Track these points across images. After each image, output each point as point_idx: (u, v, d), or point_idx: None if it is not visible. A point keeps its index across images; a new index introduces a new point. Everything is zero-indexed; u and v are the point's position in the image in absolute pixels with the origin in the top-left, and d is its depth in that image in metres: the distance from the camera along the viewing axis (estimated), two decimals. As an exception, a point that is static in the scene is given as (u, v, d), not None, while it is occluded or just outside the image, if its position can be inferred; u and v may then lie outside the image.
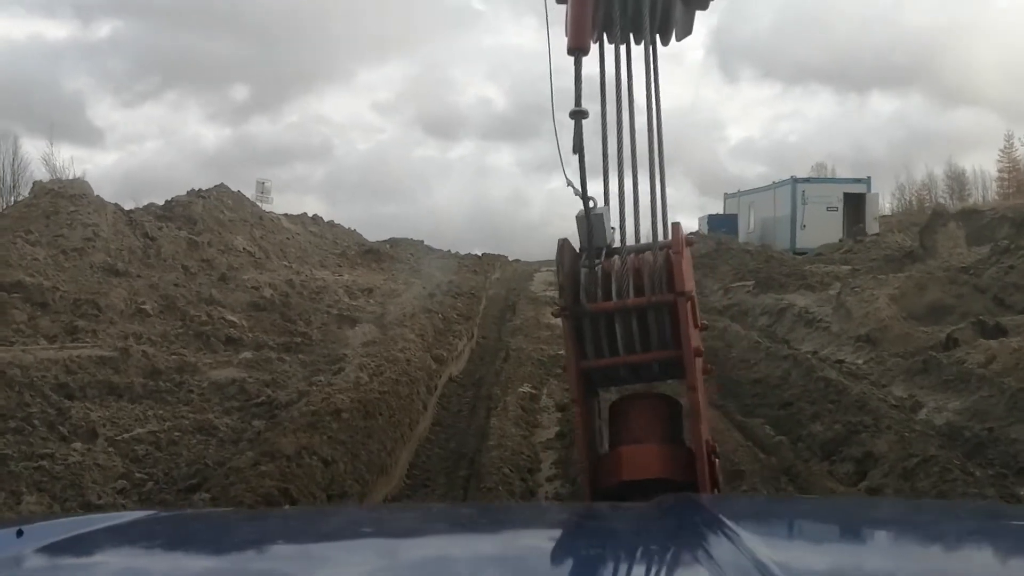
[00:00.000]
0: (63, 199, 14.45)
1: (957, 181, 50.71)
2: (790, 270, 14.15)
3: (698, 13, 3.53)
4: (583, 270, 3.08)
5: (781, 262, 16.19)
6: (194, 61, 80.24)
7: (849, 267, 13.74)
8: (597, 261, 3.11)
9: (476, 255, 27.96)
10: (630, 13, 3.27)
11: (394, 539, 1.70)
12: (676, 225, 3.14)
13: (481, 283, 19.46)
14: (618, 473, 2.98)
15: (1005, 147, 50.25)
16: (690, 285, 3.02)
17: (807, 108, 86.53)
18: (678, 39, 3.47)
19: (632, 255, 3.16)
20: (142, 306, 11.74)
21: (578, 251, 3.16)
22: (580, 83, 3.12)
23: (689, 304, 2.97)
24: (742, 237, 29.61)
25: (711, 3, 3.47)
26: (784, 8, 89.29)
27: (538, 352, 11.07)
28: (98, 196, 15.30)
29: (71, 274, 12.55)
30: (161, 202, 18.07)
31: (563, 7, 3.27)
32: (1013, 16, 76.55)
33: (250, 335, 11.12)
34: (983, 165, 55.10)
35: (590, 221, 3.12)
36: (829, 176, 42.18)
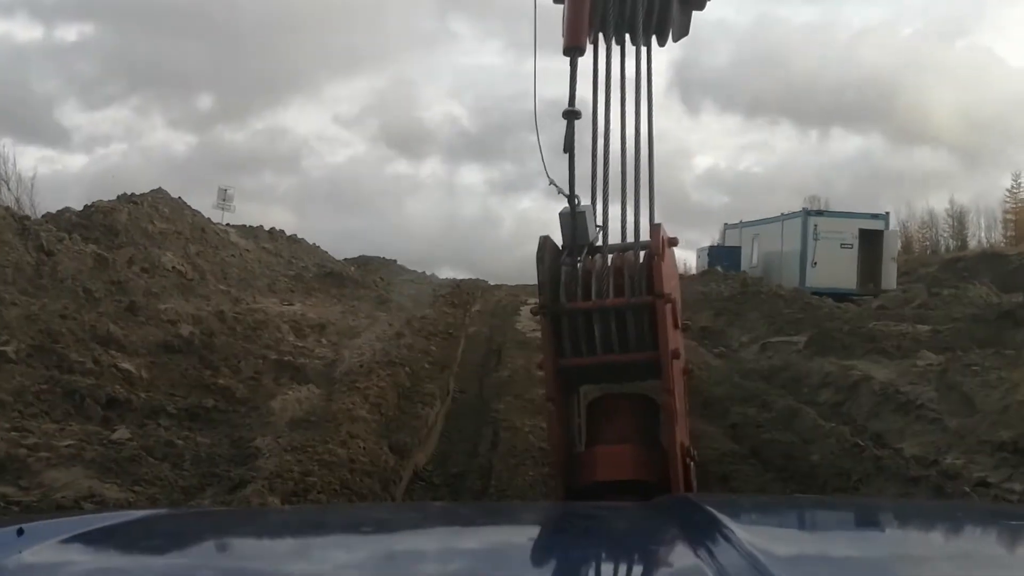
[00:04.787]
0: (-65, 200, 11.33)
1: (959, 221, 48.56)
2: (849, 326, 11.30)
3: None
4: (564, 268, 3.06)
5: (830, 314, 13.31)
6: (159, 66, 76.93)
7: (928, 327, 10.97)
8: (578, 259, 3.11)
9: (455, 280, 25.34)
10: (627, 13, 3.28)
11: (396, 538, 1.68)
12: (657, 226, 3.06)
13: (460, 318, 16.58)
14: (593, 473, 2.92)
15: (1012, 187, 48.08)
16: (670, 286, 2.97)
17: (771, 141, 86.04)
18: (675, 39, 3.47)
19: (615, 254, 3.15)
20: (3, 347, 8.69)
21: (560, 248, 3.14)
22: (575, 83, 3.18)
23: (669, 306, 2.93)
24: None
25: (707, 3, 3.47)
26: (744, 44, 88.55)
27: (537, 432, 8.10)
28: (-16, 197, 12.18)
29: (-83, 300, 9.46)
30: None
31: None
32: (970, 57, 75.98)
33: (144, 395, 8.07)
34: (942, 205, 53.14)
35: (575, 219, 3.09)
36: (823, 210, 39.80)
